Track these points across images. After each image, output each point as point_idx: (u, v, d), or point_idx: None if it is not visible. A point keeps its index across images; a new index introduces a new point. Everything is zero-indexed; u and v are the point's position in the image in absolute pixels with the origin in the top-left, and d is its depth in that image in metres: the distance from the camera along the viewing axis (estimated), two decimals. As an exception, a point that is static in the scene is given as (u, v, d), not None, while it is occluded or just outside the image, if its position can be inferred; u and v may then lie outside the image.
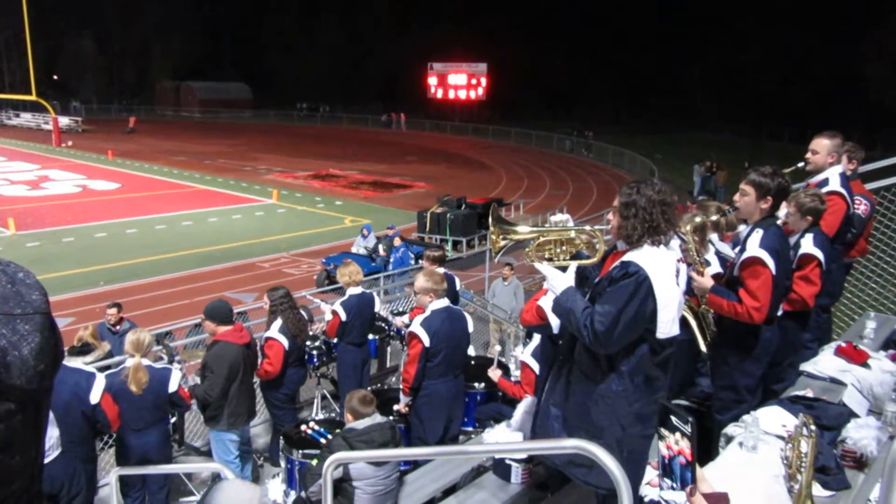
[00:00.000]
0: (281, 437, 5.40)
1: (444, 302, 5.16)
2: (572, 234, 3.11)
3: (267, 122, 61.16)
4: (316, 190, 28.78)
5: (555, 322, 3.81)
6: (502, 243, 3.13)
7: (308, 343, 6.58)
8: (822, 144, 4.76)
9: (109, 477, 5.16)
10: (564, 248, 3.11)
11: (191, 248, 18.85)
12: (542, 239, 3.11)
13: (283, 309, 6.02)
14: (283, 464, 5.25)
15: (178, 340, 8.14)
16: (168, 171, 31.93)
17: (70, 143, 41.14)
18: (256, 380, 6.08)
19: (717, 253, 4.42)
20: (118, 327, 8.24)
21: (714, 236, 4.48)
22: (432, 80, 59.46)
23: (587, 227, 3.16)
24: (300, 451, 5.00)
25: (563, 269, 3.09)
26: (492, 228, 3.13)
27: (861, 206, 4.94)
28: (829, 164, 4.73)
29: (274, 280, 15.13)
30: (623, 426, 2.90)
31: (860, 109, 40.33)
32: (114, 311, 8.37)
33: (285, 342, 5.92)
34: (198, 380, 5.57)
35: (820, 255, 4.11)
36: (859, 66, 44.43)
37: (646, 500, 3.37)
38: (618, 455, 2.85)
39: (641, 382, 2.88)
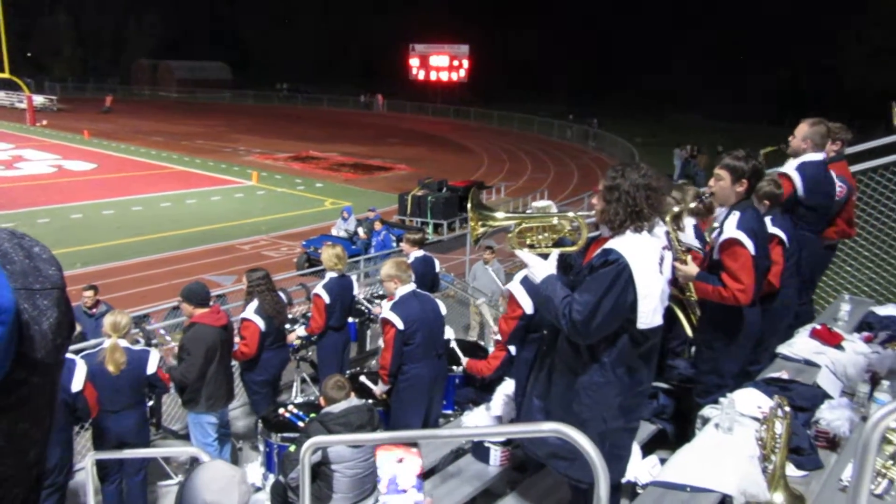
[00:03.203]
0: (259, 421, 5.38)
1: (411, 286, 5.22)
2: (554, 220, 3.02)
3: (246, 103, 60.39)
4: (296, 172, 28.54)
5: (527, 303, 3.80)
6: (481, 230, 3.02)
7: (287, 326, 6.53)
8: (800, 129, 4.78)
9: (85, 461, 5.11)
10: (546, 234, 3.02)
11: (169, 229, 18.64)
12: (523, 225, 3.02)
13: (260, 290, 5.96)
14: (261, 447, 5.23)
15: (156, 323, 8.05)
16: (145, 152, 31.45)
17: (45, 122, 40.34)
18: (235, 362, 6.03)
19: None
20: (94, 310, 8.13)
21: (689, 221, 4.47)
22: (414, 62, 58.95)
23: (570, 214, 3.07)
24: (279, 435, 4.98)
25: (546, 256, 3.04)
26: (470, 214, 3.02)
27: (836, 188, 4.95)
28: (802, 149, 4.75)
29: (254, 262, 15.00)
30: (605, 419, 2.87)
31: (838, 94, 40.58)
32: (90, 293, 8.26)
33: (261, 324, 5.87)
34: (175, 362, 5.52)
35: (780, 233, 4.13)
36: (839, 51, 44.72)
37: (638, 485, 3.39)
38: (601, 448, 2.85)
39: (624, 374, 2.84)
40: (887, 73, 32.49)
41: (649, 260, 2.75)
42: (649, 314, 2.75)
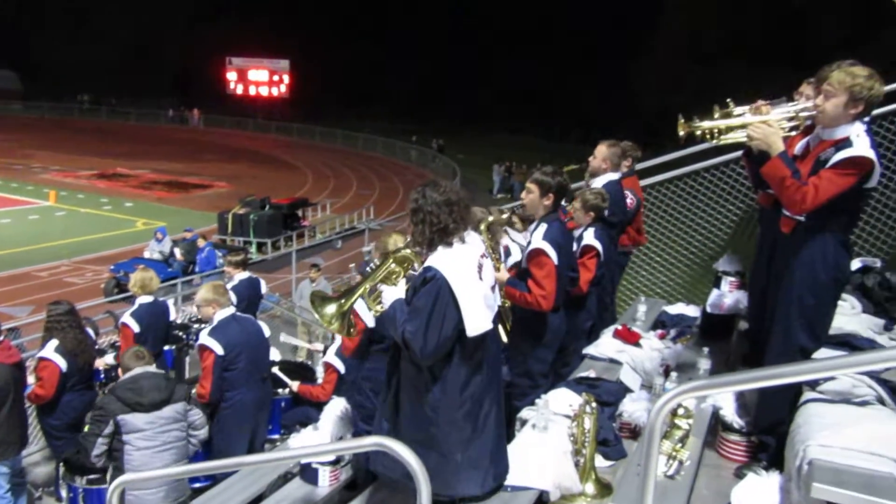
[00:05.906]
0: (61, 464, 4.87)
1: (231, 310, 5.05)
2: (393, 265, 2.99)
3: (41, 116, 54.98)
4: (101, 191, 26.47)
5: (368, 317, 3.77)
6: (338, 318, 2.86)
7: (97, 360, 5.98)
8: (599, 150, 5.24)
9: None
10: (394, 277, 2.98)
11: (-53, 257, 16.50)
12: (365, 287, 2.94)
13: (61, 327, 5.38)
14: (64, 493, 4.75)
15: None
16: (-85, 171, 27.63)
17: None
18: (29, 404, 5.41)
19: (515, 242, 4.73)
20: None
21: (512, 232, 4.76)
22: (231, 76, 56.99)
23: (402, 253, 3.02)
24: (84, 478, 4.55)
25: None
26: (326, 319, 2.84)
27: (627, 200, 5.47)
28: (602, 169, 5.21)
29: (53, 291, 13.70)
30: (452, 431, 2.86)
31: (638, 112, 44.39)
32: None
33: (62, 363, 5.27)
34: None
35: (599, 246, 4.54)
36: (637, 71, 49.12)
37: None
38: (456, 460, 2.83)
39: (463, 384, 2.86)
40: (677, 97, 36.21)
41: (466, 268, 2.83)
42: (476, 321, 2.81)
